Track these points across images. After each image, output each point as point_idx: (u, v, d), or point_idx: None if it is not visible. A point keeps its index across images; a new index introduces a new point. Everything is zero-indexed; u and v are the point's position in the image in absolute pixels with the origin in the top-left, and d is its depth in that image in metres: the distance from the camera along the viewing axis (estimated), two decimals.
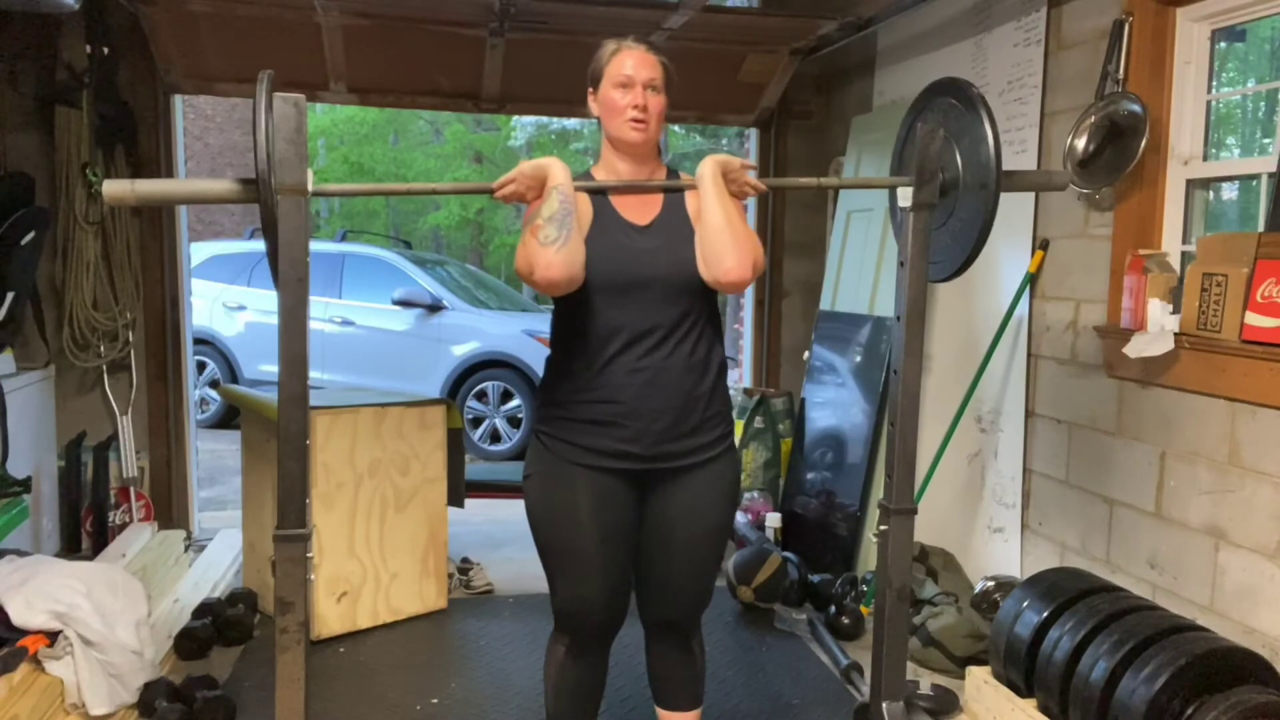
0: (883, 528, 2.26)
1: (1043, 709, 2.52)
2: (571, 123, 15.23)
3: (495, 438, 7.03)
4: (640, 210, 2.10)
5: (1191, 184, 2.82)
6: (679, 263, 2.03)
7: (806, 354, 4.51)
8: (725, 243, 1.97)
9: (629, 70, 2.04)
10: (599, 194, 2.09)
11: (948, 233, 2.23)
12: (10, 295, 3.58)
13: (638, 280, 2.02)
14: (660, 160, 2.16)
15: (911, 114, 2.31)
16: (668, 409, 2.04)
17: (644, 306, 2.03)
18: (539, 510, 2.13)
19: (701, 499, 2.12)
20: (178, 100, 4.23)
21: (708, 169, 2.04)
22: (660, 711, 2.30)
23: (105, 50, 3.87)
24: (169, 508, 4.25)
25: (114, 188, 1.87)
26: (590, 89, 2.14)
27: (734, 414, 4.47)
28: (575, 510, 2.06)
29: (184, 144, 4.33)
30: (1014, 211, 3.33)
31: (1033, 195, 3.25)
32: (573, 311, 2.05)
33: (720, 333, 2.17)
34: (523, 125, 15.89)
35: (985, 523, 3.48)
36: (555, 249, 1.91)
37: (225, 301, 7.54)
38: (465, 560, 3.97)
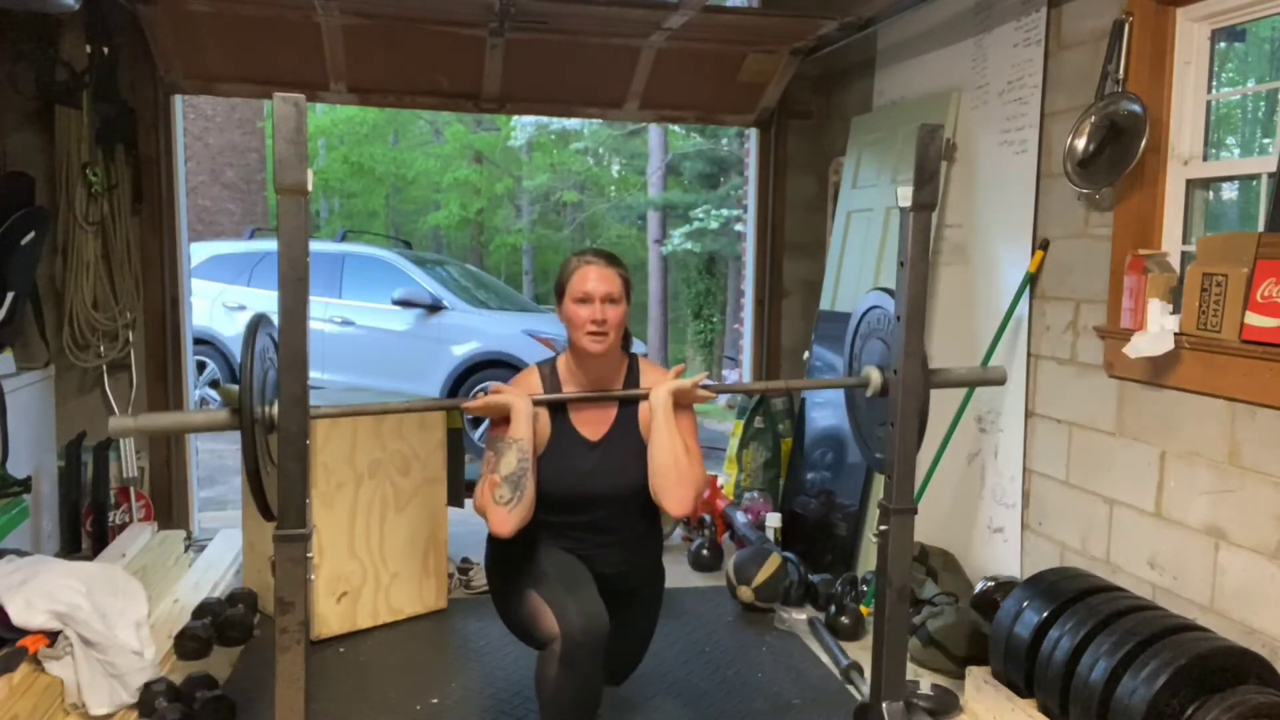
0: (883, 528, 2.26)
1: (1043, 709, 2.52)
2: (572, 123, 15.24)
3: None
4: (595, 421, 2.35)
5: (1191, 184, 2.82)
6: (624, 481, 2.31)
7: (806, 354, 4.51)
8: (670, 481, 2.22)
9: (589, 287, 2.26)
10: (559, 406, 2.32)
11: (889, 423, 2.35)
12: (10, 295, 3.58)
13: (585, 498, 2.32)
14: (624, 352, 2.41)
15: (857, 319, 2.57)
16: (608, 579, 2.35)
17: (589, 514, 2.34)
18: (505, 584, 2.38)
19: (637, 615, 2.50)
20: (178, 100, 4.22)
21: (660, 400, 2.26)
22: None
23: (105, 50, 3.87)
24: (169, 508, 4.25)
25: (118, 424, 1.96)
26: (557, 300, 2.36)
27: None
28: (535, 555, 2.34)
29: (184, 144, 4.33)
30: (1014, 212, 3.33)
31: (1033, 194, 3.25)
32: None
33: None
34: (523, 125, 15.88)
35: (985, 523, 3.48)
36: (508, 510, 2.17)
37: (225, 301, 7.54)
38: (465, 560, 3.97)
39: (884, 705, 2.28)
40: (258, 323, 1.97)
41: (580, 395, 2.32)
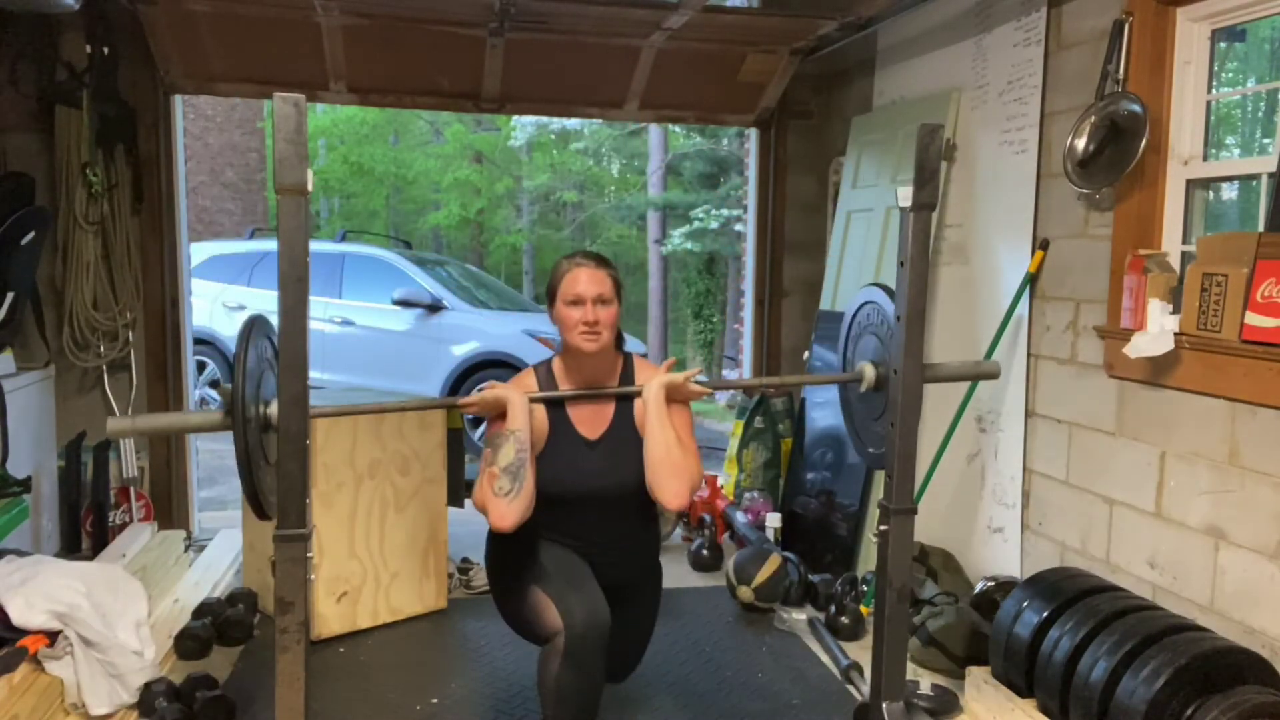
0: (883, 528, 2.26)
1: (1043, 709, 2.53)
2: (572, 123, 15.23)
3: None
4: (593, 420, 2.36)
5: (1191, 184, 2.82)
6: (622, 480, 2.33)
7: (806, 354, 4.51)
8: (665, 474, 2.22)
9: (580, 289, 2.28)
10: (557, 403, 2.34)
11: (887, 421, 2.33)
12: (10, 295, 3.58)
13: (584, 496, 2.33)
14: (618, 352, 2.41)
15: (851, 315, 2.54)
16: (607, 576, 2.36)
17: (588, 512, 2.35)
18: (506, 581, 2.39)
19: (637, 614, 2.49)
20: (178, 100, 4.22)
21: (652, 394, 2.28)
22: None
23: (105, 50, 3.87)
24: (169, 508, 4.25)
25: (116, 424, 1.98)
26: (549, 304, 2.37)
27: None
28: (536, 552, 2.35)
29: (184, 144, 4.33)
30: (1014, 212, 3.33)
31: (1033, 194, 3.25)
32: None
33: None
34: (523, 125, 15.89)
35: (985, 523, 3.48)
36: (508, 501, 2.15)
37: (225, 301, 7.54)
38: (465, 560, 3.97)
39: (884, 705, 2.28)
40: (252, 324, 1.98)
41: (575, 392, 2.35)
